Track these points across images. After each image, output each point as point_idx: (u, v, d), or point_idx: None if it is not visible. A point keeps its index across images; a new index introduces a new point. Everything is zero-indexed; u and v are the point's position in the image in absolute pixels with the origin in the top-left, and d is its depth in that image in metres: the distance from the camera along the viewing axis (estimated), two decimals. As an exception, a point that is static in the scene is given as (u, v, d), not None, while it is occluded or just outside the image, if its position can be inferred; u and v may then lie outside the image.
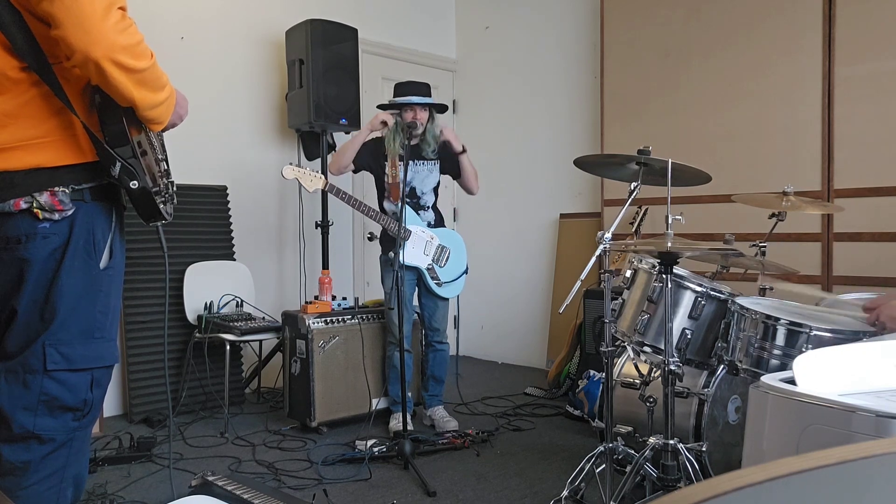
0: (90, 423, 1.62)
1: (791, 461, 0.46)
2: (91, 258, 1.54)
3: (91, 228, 1.53)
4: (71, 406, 1.54)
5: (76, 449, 1.58)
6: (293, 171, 3.16)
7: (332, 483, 2.71)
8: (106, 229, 1.57)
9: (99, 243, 1.55)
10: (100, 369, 1.59)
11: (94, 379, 1.57)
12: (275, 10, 4.44)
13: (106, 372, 1.62)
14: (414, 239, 3.35)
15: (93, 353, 1.56)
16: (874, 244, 3.25)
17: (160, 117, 1.56)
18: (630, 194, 2.31)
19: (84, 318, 1.54)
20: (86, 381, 1.55)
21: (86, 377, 1.55)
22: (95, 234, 1.54)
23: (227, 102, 4.27)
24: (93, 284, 1.54)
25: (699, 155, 3.69)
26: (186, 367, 3.72)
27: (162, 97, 1.53)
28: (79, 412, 1.56)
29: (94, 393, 1.58)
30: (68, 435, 1.55)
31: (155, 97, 1.50)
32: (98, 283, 1.56)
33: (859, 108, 3.29)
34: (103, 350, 1.59)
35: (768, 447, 1.39)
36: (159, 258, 3.80)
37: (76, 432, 1.57)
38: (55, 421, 1.53)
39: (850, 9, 3.30)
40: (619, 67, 4.25)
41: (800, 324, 2.04)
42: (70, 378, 1.53)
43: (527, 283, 5.08)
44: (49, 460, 1.53)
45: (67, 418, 1.54)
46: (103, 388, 1.62)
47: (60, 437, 1.54)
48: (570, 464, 2.76)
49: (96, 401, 1.59)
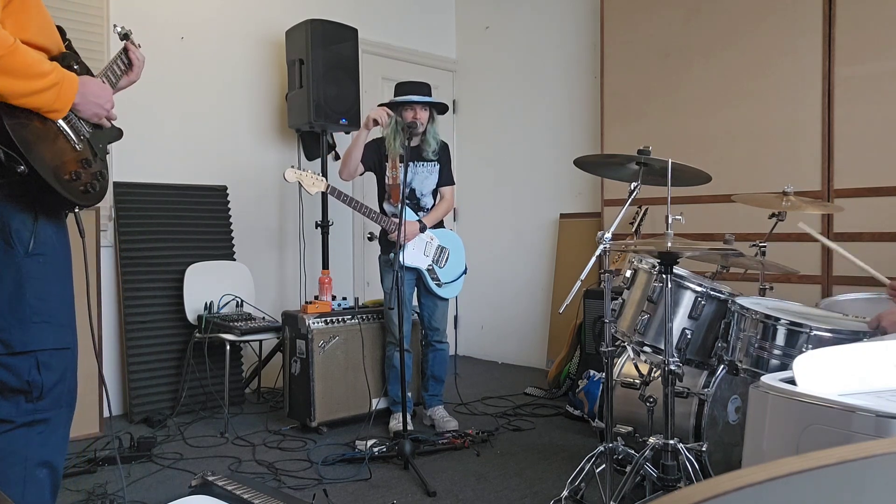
0: (52, 408, 1.67)
1: (791, 461, 0.46)
2: (11, 247, 1.60)
3: (6, 221, 1.60)
4: (17, 388, 1.61)
5: (38, 431, 1.65)
6: (295, 174, 3.16)
7: (332, 483, 2.71)
8: (26, 220, 1.62)
9: (18, 232, 1.61)
10: (45, 352, 1.64)
11: (38, 362, 1.63)
12: (275, 10, 4.44)
13: (54, 355, 1.67)
14: (414, 240, 3.35)
15: (32, 337, 1.63)
16: (874, 244, 3.25)
17: (49, 105, 1.59)
18: (630, 194, 2.31)
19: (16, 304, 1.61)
20: (28, 363, 1.62)
21: (28, 360, 1.62)
22: (12, 226, 1.60)
23: (227, 102, 4.27)
24: (20, 272, 1.61)
25: (699, 155, 3.70)
26: (186, 367, 3.72)
27: (39, 85, 1.55)
28: (28, 394, 1.62)
29: (42, 376, 1.63)
30: (25, 417, 1.63)
31: (27, 85, 1.52)
32: (27, 270, 1.62)
33: (859, 108, 3.29)
34: (45, 334, 1.65)
35: (768, 447, 1.39)
36: (159, 259, 3.81)
37: (35, 415, 1.64)
38: (8, 403, 1.62)
39: (850, 9, 3.30)
40: (619, 67, 4.25)
41: (800, 324, 2.04)
42: (11, 361, 1.61)
43: (527, 283, 5.08)
44: (7, 438, 1.61)
45: (20, 400, 1.63)
46: (58, 372, 1.67)
47: (19, 419, 1.62)
48: (570, 464, 2.76)
49: (48, 384, 1.65)
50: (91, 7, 3.65)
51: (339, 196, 3.23)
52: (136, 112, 3.63)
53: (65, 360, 1.69)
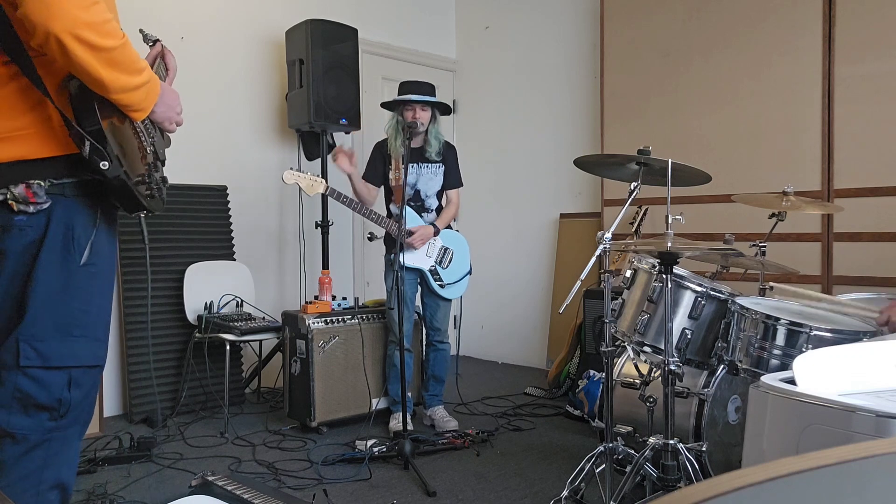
0: (71, 425, 1.55)
1: (791, 461, 0.46)
2: (69, 253, 1.50)
3: (70, 223, 1.49)
4: (45, 405, 1.49)
5: (55, 451, 1.53)
6: (293, 176, 3.14)
7: (332, 483, 2.71)
8: (88, 225, 1.52)
9: (79, 239, 1.50)
10: (78, 369, 1.53)
11: (71, 378, 1.52)
12: (275, 10, 4.44)
13: (87, 372, 1.56)
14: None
15: (69, 351, 1.51)
16: (874, 244, 3.25)
17: (138, 104, 1.52)
18: (630, 194, 2.31)
19: (60, 315, 1.50)
20: (61, 379, 1.50)
21: (62, 375, 1.50)
22: (75, 230, 1.50)
23: (227, 102, 4.27)
24: (70, 280, 1.50)
25: (699, 155, 3.70)
26: (186, 367, 3.72)
27: (136, 81, 1.48)
28: (54, 412, 1.50)
29: (72, 393, 1.52)
30: (44, 435, 1.50)
31: (128, 80, 1.45)
32: (77, 279, 1.51)
33: (859, 108, 3.29)
34: (82, 349, 1.54)
35: (768, 447, 1.39)
36: (159, 258, 3.81)
37: (53, 433, 1.52)
38: (29, 419, 1.48)
39: (850, 9, 3.30)
40: (619, 67, 4.25)
41: (800, 324, 2.04)
42: (44, 376, 1.48)
43: (527, 283, 5.08)
44: (24, 461, 1.49)
45: (43, 418, 1.50)
46: (85, 388, 1.56)
47: (35, 437, 1.49)
48: (570, 464, 2.76)
49: (75, 402, 1.53)
50: (91, 7, 3.65)
51: (339, 198, 3.22)
52: (136, 112, 3.62)
53: (94, 377, 1.59)
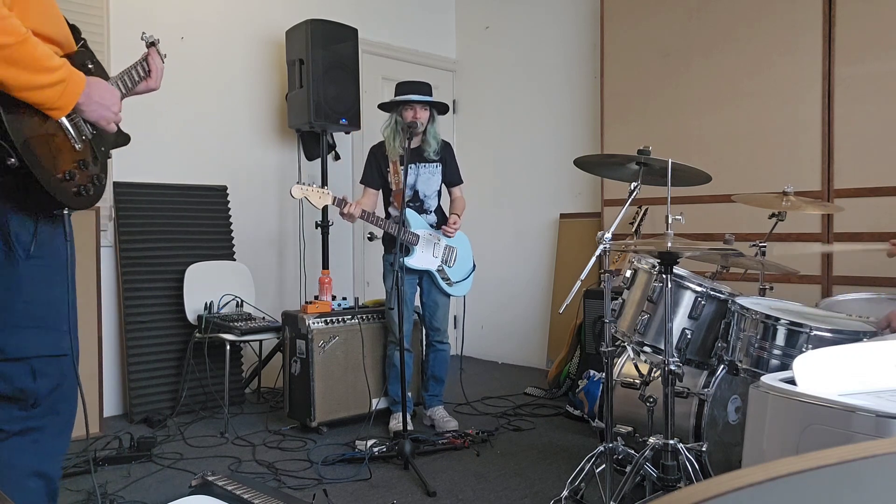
0: (46, 415, 1.60)
1: (791, 461, 0.46)
2: (10, 250, 1.54)
3: (4, 221, 1.53)
4: (10, 395, 1.55)
5: (32, 440, 1.58)
6: (301, 191, 3.12)
7: (332, 483, 2.71)
8: (25, 220, 1.56)
9: (18, 234, 1.54)
10: (40, 359, 1.58)
11: (33, 369, 1.56)
12: (275, 11, 4.44)
13: (50, 362, 1.60)
14: (421, 242, 3.35)
15: (24, 342, 1.56)
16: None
17: (51, 102, 1.52)
18: (630, 194, 2.31)
19: (10, 309, 1.54)
20: (22, 370, 1.55)
21: (21, 366, 1.56)
22: (10, 227, 1.54)
23: (227, 102, 4.27)
24: (15, 275, 1.54)
25: (699, 155, 3.70)
26: (186, 367, 3.72)
27: (44, 80, 1.49)
28: (22, 402, 1.56)
29: (37, 383, 1.57)
30: (18, 425, 1.56)
31: (31, 78, 1.47)
32: (25, 273, 1.56)
33: (859, 108, 3.29)
34: (41, 339, 1.58)
35: (768, 447, 1.39)
36: (159, 259, 3.81)
37: (27, 422, 1.57)
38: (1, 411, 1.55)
39: (850, 9, 3.30)
40: (619, 67, 4.25)
41: (800, 324, 2.04)
42: (3, 368, 1.54)
43: (527, 284, 5.08)
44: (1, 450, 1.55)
45: (12, 409, 1.56)
46: (53, 379, 1.60)
47: (10, 428, 1.55)
48: (570, 464, 2.76)
49: (43, 392, 1.58)
50: (91, 7, 3.65)
51: (343, 206, 3.20)
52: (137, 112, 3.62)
53: (62, 366, 1.63)
